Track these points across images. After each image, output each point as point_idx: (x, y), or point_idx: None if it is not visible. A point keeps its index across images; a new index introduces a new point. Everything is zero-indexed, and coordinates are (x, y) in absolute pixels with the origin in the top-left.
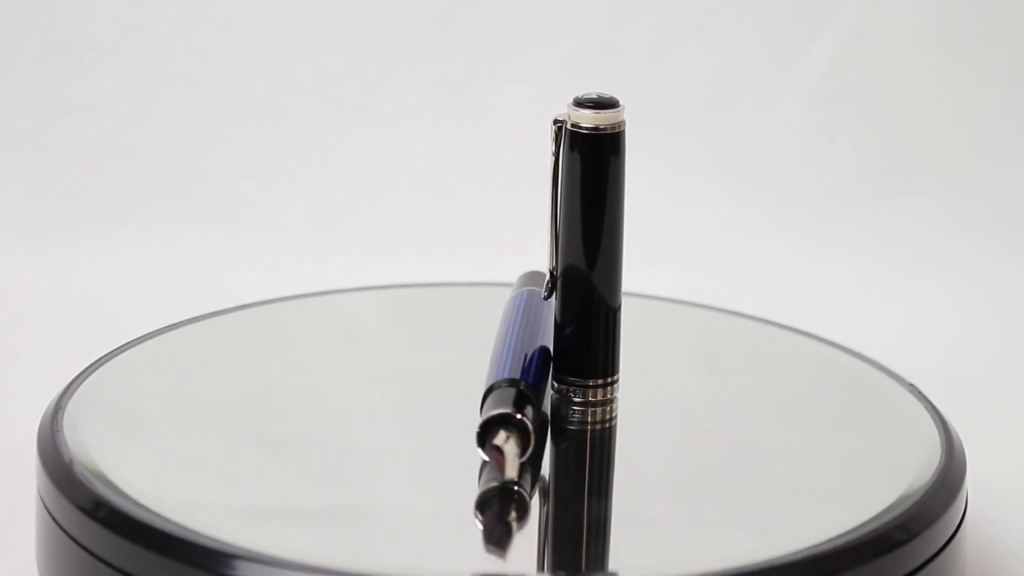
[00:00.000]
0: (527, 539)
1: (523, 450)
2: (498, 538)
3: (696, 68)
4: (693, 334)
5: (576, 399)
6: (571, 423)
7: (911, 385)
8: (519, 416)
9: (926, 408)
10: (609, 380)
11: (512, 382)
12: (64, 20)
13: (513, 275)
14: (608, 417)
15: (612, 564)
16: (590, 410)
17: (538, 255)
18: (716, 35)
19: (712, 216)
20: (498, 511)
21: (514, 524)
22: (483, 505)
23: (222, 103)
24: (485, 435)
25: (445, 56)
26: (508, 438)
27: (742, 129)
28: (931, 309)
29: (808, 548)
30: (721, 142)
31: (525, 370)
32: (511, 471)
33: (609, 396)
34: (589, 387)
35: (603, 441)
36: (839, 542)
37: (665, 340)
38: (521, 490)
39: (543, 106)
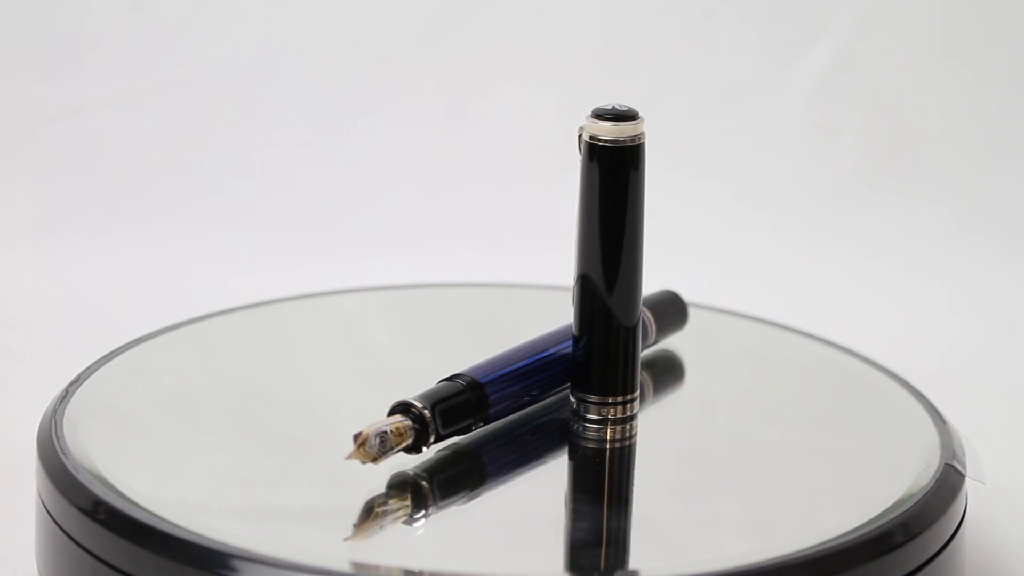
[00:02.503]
0: (546, 542)
1: (413, 443)
2: (357, 524)
3: (696, 69)
4: (692, 334)
5: (592, 416)
6: (587, 439)
7: (916, 390)
8: (423, 412)
9: (926, 408)
10: (628, 398)
11: (470, 382)
12: (64, 22)
13: (513, 276)
14: (628, 435)
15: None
16: (609, 427)
17: (539, 256)
18: (716, 36)
19: (711, 217)
20: (375, 501)
21: (381, 514)
22: (381, 492)
23: (222, 105)
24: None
25: (445, 58)
26: (384, 427)
27: (741, 130)
28: (930, 310)
29: (808, 548)
30: (720, 143)
31: (495, 371)
32: (356, 453)
33: (629, 413)
34: (608, 404)
35: (622, 454)
36: (839, 542)
37: (665, 339)
38: (423, 483)
39: (543, 108)
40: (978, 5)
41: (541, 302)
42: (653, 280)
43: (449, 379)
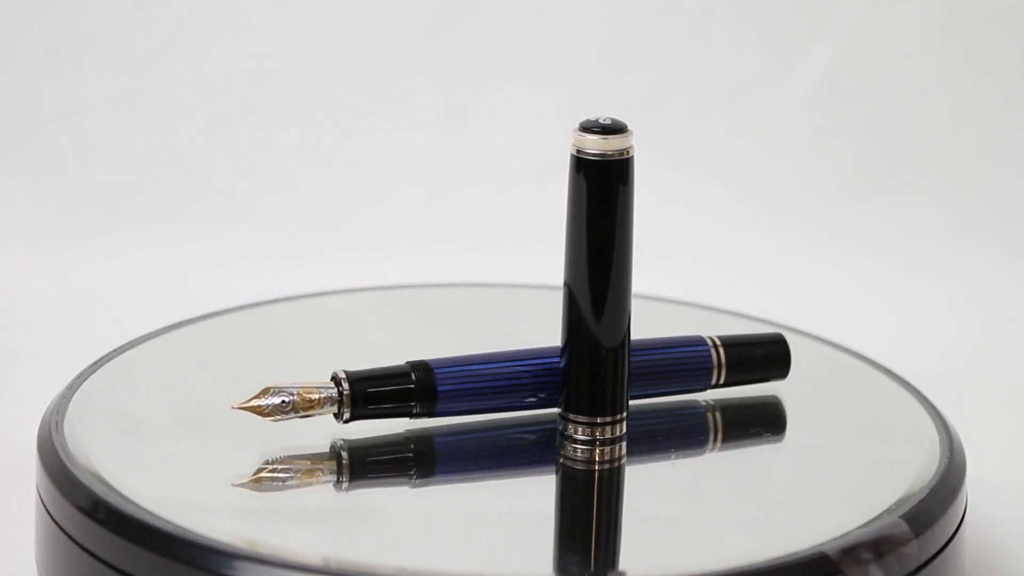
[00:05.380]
0: (538, 541)
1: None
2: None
3: (695, 70)
4: (691, 334)
5: (580, 436)
6: (575, 459)
7: (916, 390)
8: (343, 384)
9: (926, 408)
10: (618, 418)
11: (423, 369)
12: (65, 22)
13: (513, 276)
14: (616, 456)
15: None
16: (597, 448)
17: (539, 257)
18: (715, 37)
19: (711, 217)
20: (274, 459)
21: (280, 471)
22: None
23: (223, 105)
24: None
25: (444, 59)
26: (293, 388)
27: (741, 130)
28: (929, 310)
29: (808, 548)
30: (720, 143)
31: (458, 364)
32: (248, 405)
33: (618, 433)
34: (596, 424)
35: (611, 470)
36: (839, 542)
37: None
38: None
39: (542, 108)
40: (978, 6)
41: (541, 302)
42: (653, 281)
43: (411, 363)
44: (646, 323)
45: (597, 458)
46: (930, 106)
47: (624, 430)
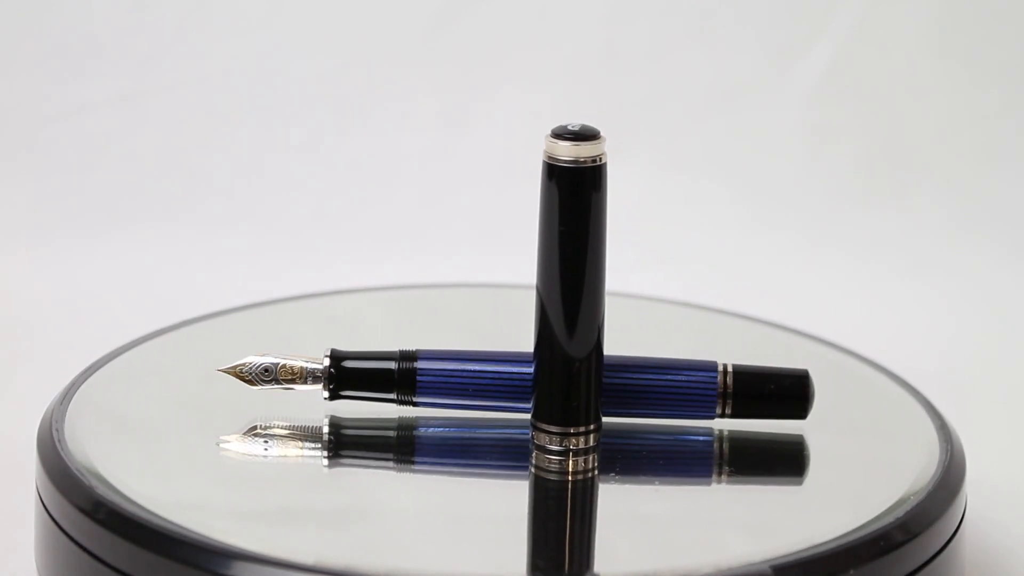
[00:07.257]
0: (519, 541)
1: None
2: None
3: (695, 70)
4: (691, 334)
5: (553, 447)
6: (549, 471)
7: (915, 390)
8: (325, 361)
9: (925, 408)
10: (590, 428)
11: (409, 359)
12: (65, 22)
13: (514, 277)
14: (590, 467)
15: (609, 564)
16: (571, 459)
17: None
18: (715, 37)
19: (710, 217)
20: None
21: (264, 435)
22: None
23: (223, 106)
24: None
25: (444, 60)
26: (278, 360)
27: (740, 131)
28: (928, 310)
29: (808, 548)
30: (719, 144)
31: (443, 357)
32: (230, 368)
33: (590, 444)
34: (571, 434)
35: (584, 472)
36: (839, 542)
37: (663, 340)
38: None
39: (542, 110)
40: (977, 7)
41: None
42: (652, 281)
43: (403, 351)
44: (646, 324)
45: (571, 468)
46: (930, 106)
47: (595, 441)
